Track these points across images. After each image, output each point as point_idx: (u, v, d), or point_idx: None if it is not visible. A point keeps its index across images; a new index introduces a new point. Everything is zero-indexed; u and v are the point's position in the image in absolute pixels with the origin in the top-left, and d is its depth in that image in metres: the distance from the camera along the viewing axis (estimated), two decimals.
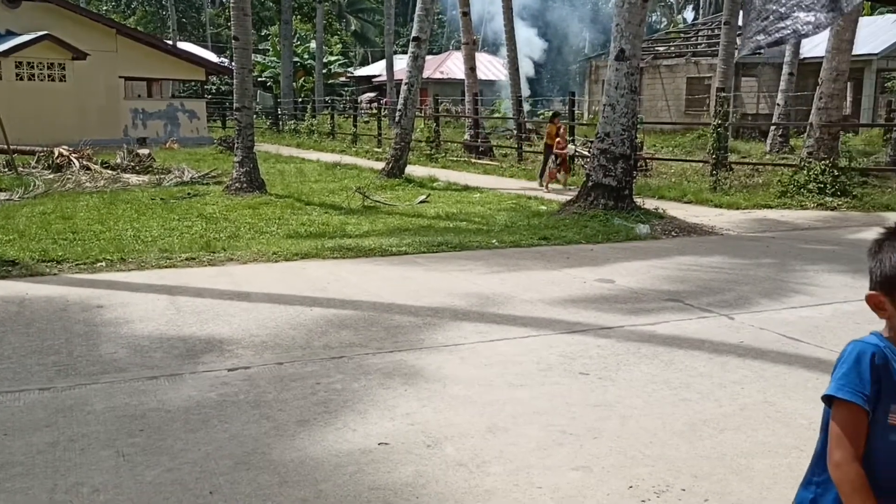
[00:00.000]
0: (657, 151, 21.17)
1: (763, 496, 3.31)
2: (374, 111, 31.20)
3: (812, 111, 14.97)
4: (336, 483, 3.41)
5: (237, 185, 14.01)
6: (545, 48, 50.77)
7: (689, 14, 57.35)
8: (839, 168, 13.72)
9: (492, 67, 44.81)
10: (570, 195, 12.83)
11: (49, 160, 17.63)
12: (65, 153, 17.60)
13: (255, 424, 4.02)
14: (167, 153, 23.37)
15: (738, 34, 18.30)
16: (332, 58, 46.24)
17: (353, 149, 26.27)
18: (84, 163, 17.09)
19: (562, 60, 54.80)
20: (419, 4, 17.03)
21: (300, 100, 38.79)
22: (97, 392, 4.48)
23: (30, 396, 4.42)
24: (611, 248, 9.36)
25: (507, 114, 27.95)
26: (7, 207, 12.24)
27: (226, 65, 37.16)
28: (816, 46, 21.06)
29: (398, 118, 17.60)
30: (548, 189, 15.46)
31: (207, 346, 5.33)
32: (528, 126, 25.16)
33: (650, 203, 12.26)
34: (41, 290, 6.90)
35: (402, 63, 24.32)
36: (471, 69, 23.16)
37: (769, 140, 21.98)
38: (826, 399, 1.74)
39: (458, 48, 31.48)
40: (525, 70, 37.51)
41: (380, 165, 18.50)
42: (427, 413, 4.20)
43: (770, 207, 12.91)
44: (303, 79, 42.96)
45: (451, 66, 44.60)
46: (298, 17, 45.30)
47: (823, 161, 13.66)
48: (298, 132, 32.68)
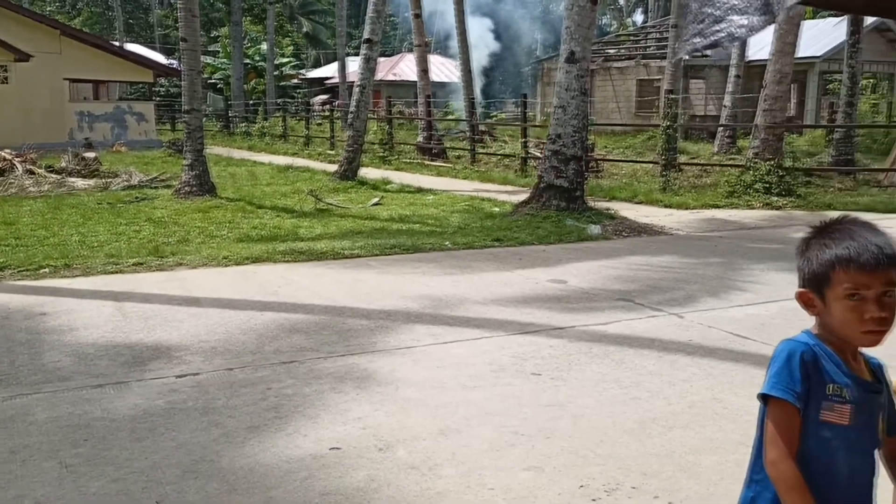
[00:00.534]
0: (609, 153, 21.42)
1: (710, 492, 3.36)
2: (327, 113, 30.97)
3: (757, 112, 15.28)
4: (286, 489, 3.37)
5: (187, 189, 13.80)
6: (497, 50, 51.02)
7: (639, 17, 58.17)
8: (784, 168, 14.03)
9: (444, 69, 44.88)
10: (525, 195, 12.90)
11: None
12: (7, 157, 17.14)
13: (204, 432, 3.96)
14: (114, 156, 22.93)
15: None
16: (284, 60, 45.87)
17: (306, 151, 26.09)
18: (28, 167, 16.65)
19: (514, 62, 55.14)
20: (370, 6, 16.99)
21: (252, 102, 38.38)
22: (39, 402, 4.36)
23: None
24: (563, 249, 9.43)
25: (461, 116, 28.01)
26: None
27: (174, 66, 36.56)
28: (762, 49, 21.50)
29: (351, 120, 17.53)
30: None
31: (155, 353, 5.23)
32: (482, 128, 25.24)
33: (602, 204, 12.40)
34: None
35: (355, 65, 24.25)
36: (423, 71, 23.16)
37: (717, 141, 22.38)
38: (761, 398, 1.77)
39: (411, 50, 31.46)
40: (478, 72, 37.63)
41: (333, 168, 18.40)
42: (379, 416, 4.17)
43: (718, 207, 13.14)
44: (254, 81, 42.53)
45: (404, 68, 44.56)
46: (249, 19, 44.86)
47: (769, 161, 13.95)
48: (250, 135, 32.33)
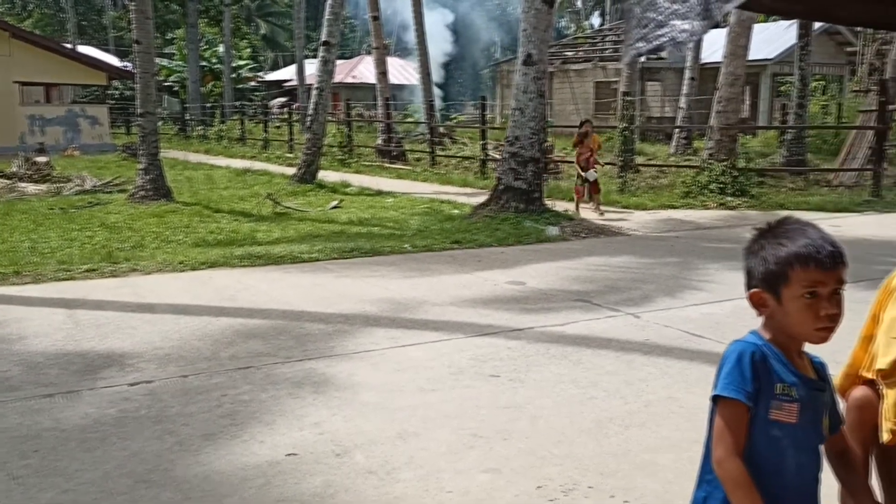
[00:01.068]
0: (568, 154, 21.56)
1: (666, 490, 3.39)
2: (286, 116, 30.74)
3: (711, 114, 15.53)
4: (242, 497, 3.33)
5: (142, 193, 13.59)
6: (456, 52, 51.10)
7: (596, 20, 58.72)
8: (738, 169, 14.27)
9: (403, 72, 44.84)
10: (484, 198, 12.93)
11: None
12: None
13: (158, 440, 3.90)
14: (67, 161, 22.49)
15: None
16: (242, 62, 45.40)
17: (264, 154, 25.86)
18: None
19: (473, 65, 55.29)
20: (328, 9, 16.91)
21: (209, 105, 37.93)
22: None
23: None
24: (522, 251, 9.47)
25: (420, 118, 28.01)
26: None
27: (129, 69, 36.00)
28: (715, 52, 21.83)
29: (309, 123, 17.42)
30: (580, 214, 12.27)
31: (107, 361, 5.13)
32: (441, 130, 25.27)
33: (561, 205, 12.48)
34: None
35: (313, 67, 24.10)
36: (382, 73, 23.12)
37: (673, 142, 22.67)
38: (714, 399, 1.79)
39: (370, 52, 31.39)
40: (437, 73, 37.64)
41: (291, 171, 18.26)
42: (337, 421, 4.15)
43: (675, 208, 13.32)
44: (211, 83, 42.02)
45: (364, 71, 44.41)
46: (205, 21, 44.31)
47: (723, 162, 14.17)
48: (207, 138, 31.96)
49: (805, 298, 1.73)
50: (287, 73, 48.61)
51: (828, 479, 1.88)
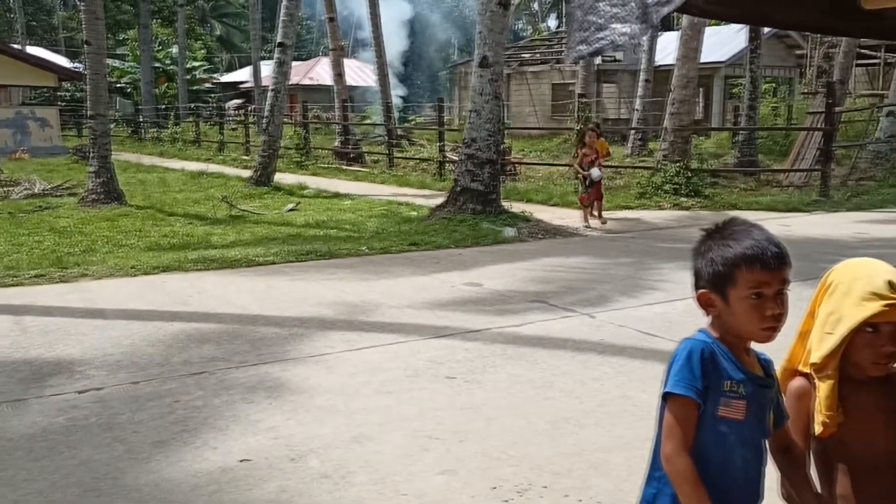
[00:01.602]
0: (525, 156, 21.70)
1: (619, 488, 3.43)
2: (241, 118, 30.41)
3: (665, 116, 15.74)
4: None
5: (93, 197, 13.34)
6: (414, 54, 51.08)
7: (553, 22, 59.16)
8: (691, 170, 14.48)
9: (361, 73, 44.65)
10: (440, 199, 12.94)
11: None
12: None
13: (107, 448, 3.82)
14: (16, 164, 21.97)
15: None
16: (196, 63, 44.81)
17: (220, 157, 25.56)
18: None
19: (431, 67, 55.31)
20: (283, 10, 16.78)
21: (163, 107, 37.38)
22: None
23: None
24: (479, 252, 9.50)
25: (378, 120, 27.93)
26: None
27: (79, 70, 35.35)
28: (669, 54, 22.15)
29: (265, 125, 17.27)
30: (588, 223, 11.48)
31: (56, 368, 5.02)
32: (399, 132, 25.23)
33: (518, 206, 12.54)
34: None
35: (270, 69, 23.88)
36: (339, 75, 23.01)
37: (629, 143, 22.92)
38: (664, 396, 1.81)
39: (327, 54, 31.21)
40: (394, 76, 37.60)
41: (247, 174, 18.07)
42: (292, 426, 4.11)
43: (630, 208, 13.46)
44: (165, 85, 41.41)
45: (321, 72, 44.13)
46: (158, 21, 43.67)
47: (677, 163, 14.37)
48: (161, 140, 31.48)
49: (751, 299, 1.76)
50: (243, 75, 48.09)
51: (769, 472, 1.91)
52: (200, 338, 5.72)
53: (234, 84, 48.67)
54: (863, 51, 24.73)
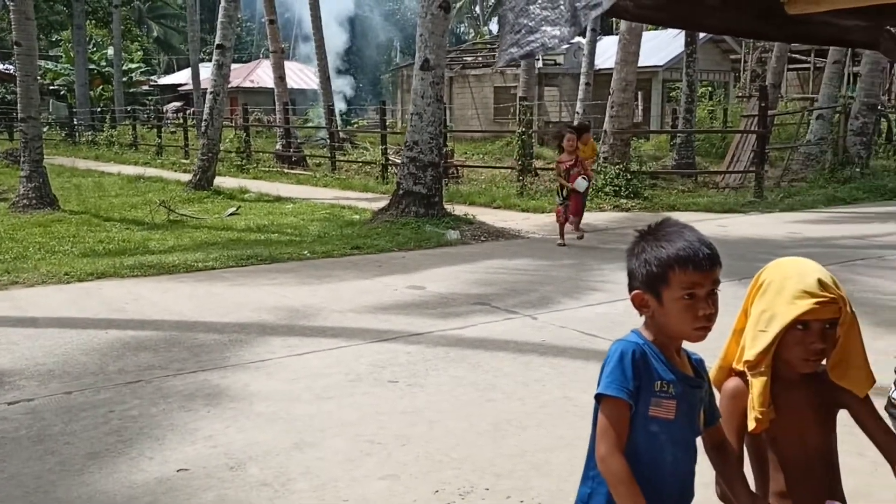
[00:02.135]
0: (468, 158, 21.77)
1: (560, 488, 3.45)
2: (181, 121, 29.84)
3: (605, 119, 15.96)
4: None
5: (25, 202, 12.94)
6: (357, 57, 50.86)
7: (495, 26, 59.54)
8: (631, 172, 14.71)
9: (303, 76, 44.28)
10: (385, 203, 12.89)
11: None
12: None
13: (38, 461, 3.70)
14: None
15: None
16: (133, 65, 43.87)
17: (158, 161, 25.05)
18: None
19: (375, 69, 55.15)
20: (221, 11, 16.55)
21: (98, 109, 36.46)
22: None
23: None
24: (422, 255, 9.49)
25: (320, 123, 27.72)
26: None
27: (10, 72, 34.28)
28: (609, 58, 22.47)
29: (204, 128, 16.99)
30: (563, 241, 9.95)
31: None
32: (342, 135, 25.08)
33: (461, 209, 12.56)
34: None
35: (209, 71, 23.51)
36: (280, 78, 22.78)
37: None
38: (598, 398, 1.83)
39: (268, 56, 30.84)
40: (337, 78, 37.37)
41: (187, 177, 17.74)
42: (231, 434, 4.04)
43: None
44: (100, 87, 40.44)
45: (262, 75, 43.58)
46: (93, 22, 42.65)
47: (617, 165, 14.59)
48: (97, 144, 30.71)
49: (684, 299, 1.79)
50: (182, 77, 47.23)
51: (702, 470, 1.95)
52: (137, 345, 5.59)
53: (173, 86, 47.75)
54: (794, 55, 25.49)
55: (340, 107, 39.37)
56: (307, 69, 43.88)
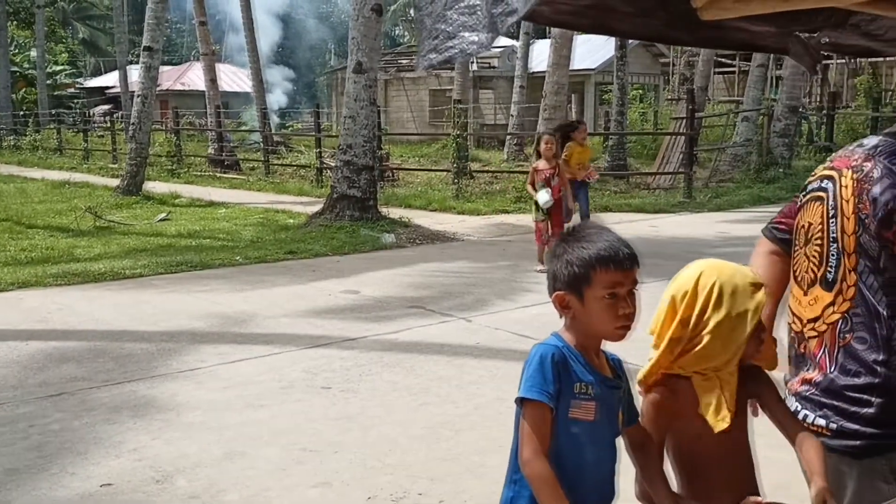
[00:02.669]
0: (404, 161, 21.75)
1: (493, 491, 3.42)
2: (109, 125, 29.06)
3: (539, 121, 16.13)
4: None
5: None
6: (291, 59, 50.34)
7: None
8: None
9: (236, 79, 43.61)
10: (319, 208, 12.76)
11: None
12: None
13: None
14: None
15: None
16: (58, 67, 42.65)
17: (86, 165, 24.36)
18: None
19: (310, 72, 54.67)
20: (149, 13, 16.17)
21: (22, 113, 35.28)
22: None
23: None
24: (357, 259, 9.43)
25: (255, 126, 27.33)
26: None
27: None
28: (543, 61, 22.71)
29: (133, 132, 16.59)
30: (542, 267, 7.89)
31: None
32: (277, 139, 24.78)
33: (397, 212, 12.53)
34: None
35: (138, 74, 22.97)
36: (212, 80, 22.39)
37: (506, 149, 23.36)
38: (518, 401, 1.83)
39: (199, 59, 30.29)
40: (271, 81, 36.95)
41: (116, 183, 17.29)
42: (158, 445, 3.94)
43: (508, 212, 13.68)
44: (24, 90, 39.15)
45: (193, 78, 42.74)
46: (15, 24, 41.26)
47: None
48: (20, 148, 29.71)
49: (606, 299, 1.80)
50: (110, 80, 45.97)
51: (624, 468, 1.97)
52: (60, 357, 5.41)
53: (101, 89, 46.46)
54: (721, 59, 26.17)
55: (279, 99, 38.93)
56: (240, 72, 43.24)
